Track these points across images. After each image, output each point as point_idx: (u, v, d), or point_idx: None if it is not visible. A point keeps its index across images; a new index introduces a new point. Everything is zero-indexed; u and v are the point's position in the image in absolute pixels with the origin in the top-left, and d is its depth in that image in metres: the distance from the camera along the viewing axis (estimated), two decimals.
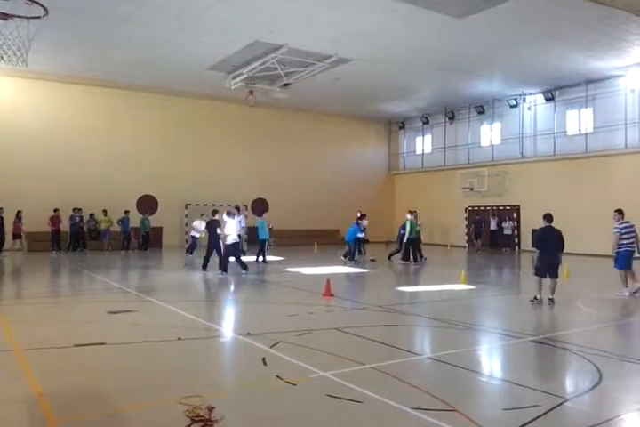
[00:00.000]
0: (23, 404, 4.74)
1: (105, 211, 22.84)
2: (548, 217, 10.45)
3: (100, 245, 22.63)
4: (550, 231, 10.33)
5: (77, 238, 22.20)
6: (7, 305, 10.06)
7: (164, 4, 15.21)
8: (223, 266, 14.44)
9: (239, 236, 15.12)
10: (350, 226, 19.06)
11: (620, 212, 11.39)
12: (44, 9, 10.61)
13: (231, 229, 14.46)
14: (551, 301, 10.12)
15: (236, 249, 14.75)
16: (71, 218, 21.90)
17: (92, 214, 22.84)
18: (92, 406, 4.71)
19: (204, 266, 15.31)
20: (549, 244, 10.21)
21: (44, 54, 18.93)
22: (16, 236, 20.58)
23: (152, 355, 6.46)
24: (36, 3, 10.47)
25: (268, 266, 17.19)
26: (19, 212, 20.59)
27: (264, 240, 17.90)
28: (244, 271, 14.63)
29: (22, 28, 10.88)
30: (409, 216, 18.22)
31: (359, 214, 20.17)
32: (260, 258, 17.81)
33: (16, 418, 4.45)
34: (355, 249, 18.59)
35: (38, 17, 10.73)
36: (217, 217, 15.46)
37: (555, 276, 10.25)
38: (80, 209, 22.17)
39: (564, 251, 10.26)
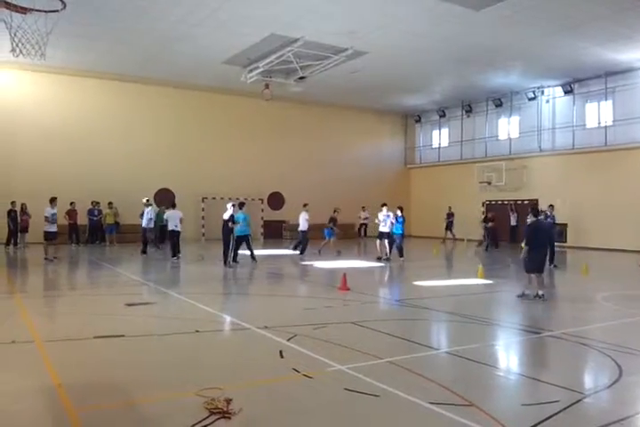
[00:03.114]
0: (42, 395, 4.79)
1: (110, 203, 22.48)
2: (534, 211, 10.13)
3: (110, 238, 22.27)
4: (539, 225, 10.12)
5: (96, 231, 22.41)
6: (27, 297, 10.18)
7: None
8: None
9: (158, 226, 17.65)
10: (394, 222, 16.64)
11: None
12: (62, 3, 10.69)
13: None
14: (541, 296, 9.70)
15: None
16: (89, 211, 22.11)
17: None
18: (110, 397, 4.76)
19: (234, 259, 15.17)
20: (539, 239, 9.90)
21: (62, 48, 19.10)
22: (23, 229, 20.16)
23: (170, 347, 6.51)
24: None
25: (262, 262, 17.07)
26: (22, 204, 20.15)
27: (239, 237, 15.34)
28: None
29: (40, 21, 10.98)
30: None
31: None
32: (251, 256, 15.92)
33: (35, 408, 4.50)
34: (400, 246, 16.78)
35: (56, 11, 10.83)
36: (231, 209, 15.28)
37: (541, 271, 9.94)
38: (98, 202, 22.33)
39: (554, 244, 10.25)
